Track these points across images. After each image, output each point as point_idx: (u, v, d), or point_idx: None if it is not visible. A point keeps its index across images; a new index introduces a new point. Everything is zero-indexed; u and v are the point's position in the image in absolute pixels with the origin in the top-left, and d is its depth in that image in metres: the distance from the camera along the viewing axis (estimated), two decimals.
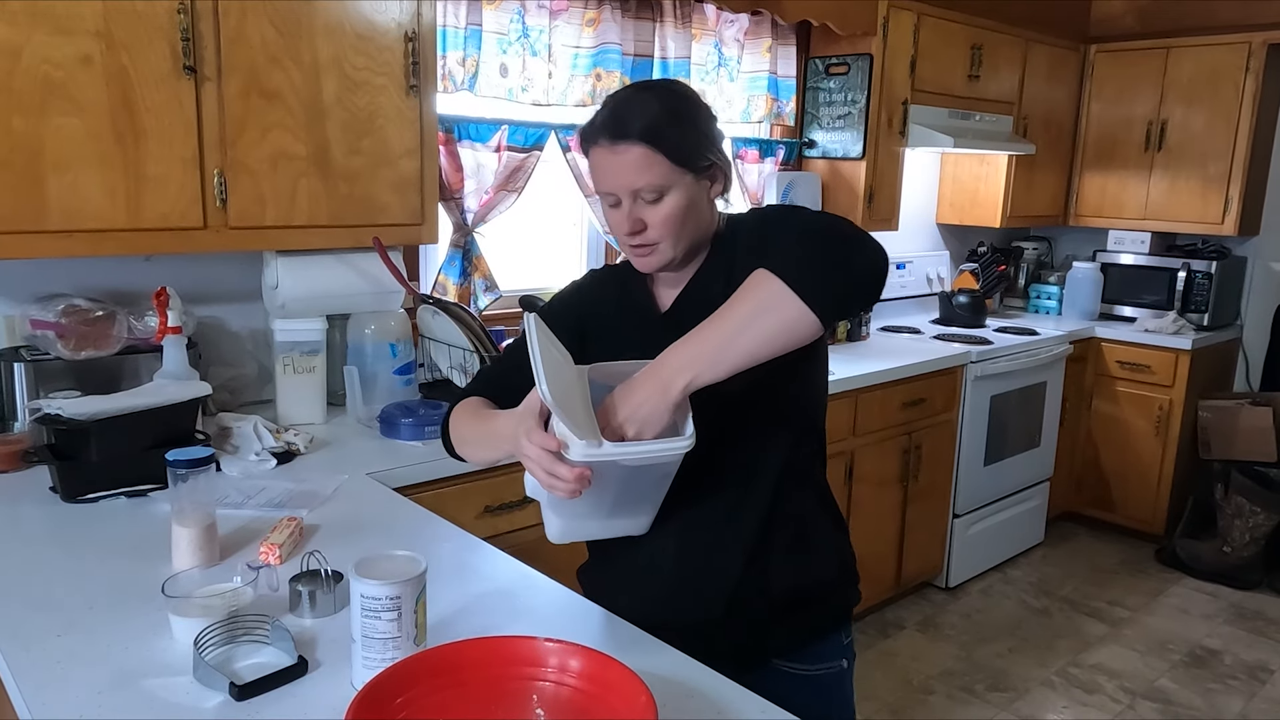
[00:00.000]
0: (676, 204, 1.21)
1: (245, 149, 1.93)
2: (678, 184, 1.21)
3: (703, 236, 1.28)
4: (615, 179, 1.21)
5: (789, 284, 1.06)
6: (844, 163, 3.48)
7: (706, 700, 1.09)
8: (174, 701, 1.05)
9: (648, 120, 1.19)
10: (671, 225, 1.22)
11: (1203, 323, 4.12)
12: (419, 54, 2.14)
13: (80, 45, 1.71)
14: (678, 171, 1.20)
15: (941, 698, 2.94)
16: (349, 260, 2.21)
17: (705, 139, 1.24)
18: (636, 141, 1.18)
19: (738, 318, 1.08)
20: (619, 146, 1.19)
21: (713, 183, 1.26)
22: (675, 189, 1.21)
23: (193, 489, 1.37)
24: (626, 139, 1.19)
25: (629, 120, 1.19)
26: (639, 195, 1.20)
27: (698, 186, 1.23)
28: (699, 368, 1.07)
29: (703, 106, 1.26)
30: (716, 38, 3.15)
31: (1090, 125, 4.36)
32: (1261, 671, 3.16)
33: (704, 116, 1.25)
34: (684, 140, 1.21)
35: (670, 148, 1.19)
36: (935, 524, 3.53)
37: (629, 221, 1.22)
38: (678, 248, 1.24)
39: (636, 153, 1.18)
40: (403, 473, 1.91)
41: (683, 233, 1.23)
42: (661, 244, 1.23)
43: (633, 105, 1.21)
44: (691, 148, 1.21)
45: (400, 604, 1.04)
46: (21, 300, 1.97)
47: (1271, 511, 3.72)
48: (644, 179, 1.19)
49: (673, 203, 1.21)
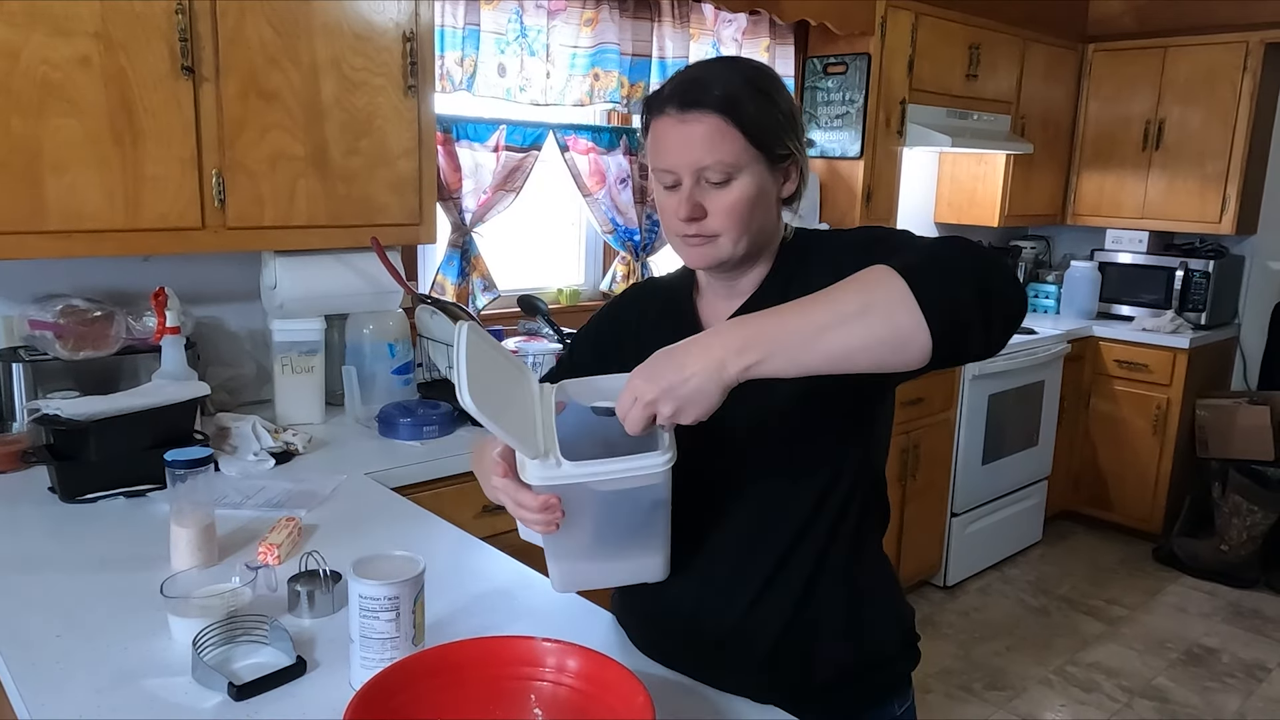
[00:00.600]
0: (745, 191, 1.05)
1: (243, 149, 1.93)
2: (749, 168, 1.05)
3: (766, 240, 1.12)
4: (680, 154, 1.04)
5: (912, 289, 0.86)
6: (842, 162, 3.48)
7: (704, 701, 1.09)
8: (173, 701, 1.05)
9: (727, 89, 1.04)
10: (737, 215, 1.05)
11: (1200, 322, 4.13)
12: (417, 54, 2.14)
13: (78, 46, 1.71)
14: (752, 152, 1.04)
15: (940, 696, 2.94)
16: (347, 260, 2.21)
17: (789, 123, 1.08)
18: (711, 111, 1.03)
19: (836, 308, 0.88)
20: (689, 115, 1.03)
21: (786, 179, 1.10)
22: (746, 173, 1.05)
23: (191, 489, 1.37)
24: (700, 108, 1.03)
25: (706, 87, 1.04)
26: (703, 176, 1.04)
27: (770, 177, 1.07)
28: (770, 350, 0.87)
29: (787, 90, 1.11)
30: (715, 37, 3.15)
31: (1088, 124, 4.36)
32: (1259, 670, 3.16)
33: (789, 99, 1.10)
34: (765, 118, 1.05)
35: (748, 122, 1.03)
36: (933, 523, 3.54)
37: (688, 205, 1.05)
38: (739, 245, 1.08)
39: (709, 124, 1.03)
40: (401, 472, 1.91)
41: (747, 227, 1.07)
42: (722, 237, 1.07)
43: (711, 72, 1.07)
44: (772, 128, 1.06)
45: (398, 604, 1.04)
46: (20, 300, 1.98)
47: (1269, 510, 3.73)
48: (714, 155, 1.03)
49: (741, 188, 1.05)
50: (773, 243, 1.14)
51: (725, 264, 1.10)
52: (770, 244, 1.14)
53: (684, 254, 1.12)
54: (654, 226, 3.07)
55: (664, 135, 1.06)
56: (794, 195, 1.12)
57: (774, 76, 1.10)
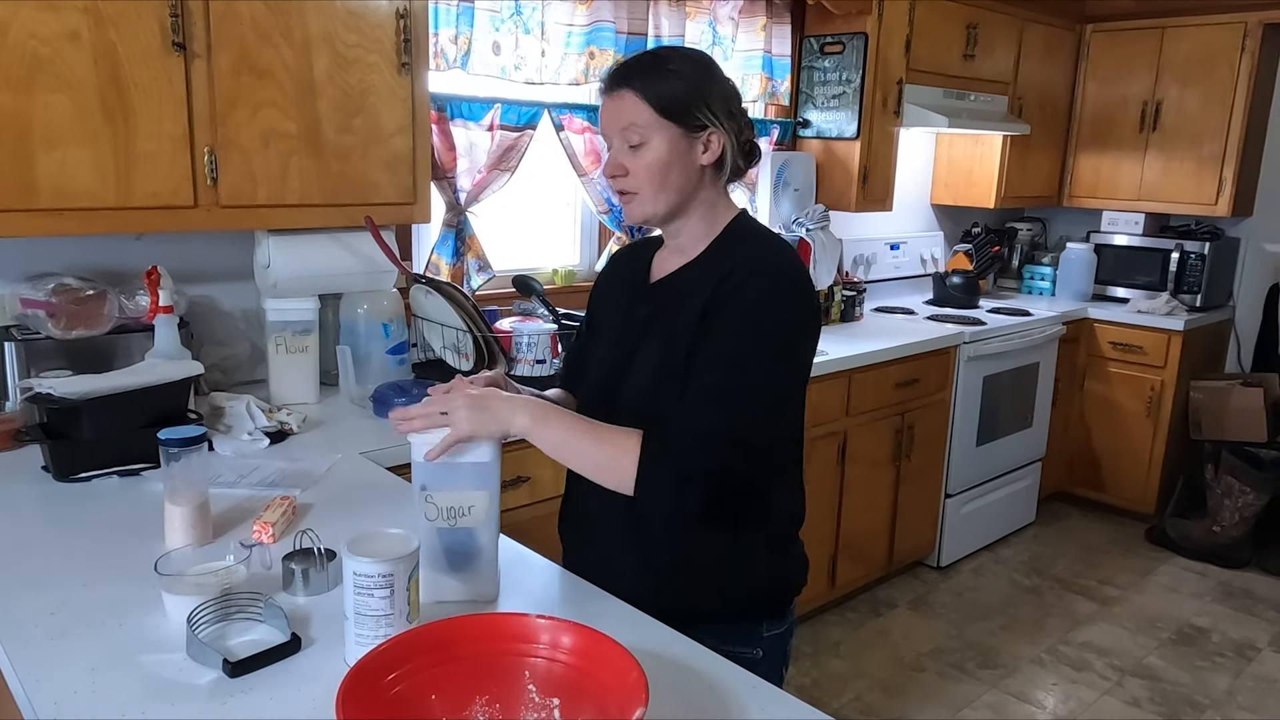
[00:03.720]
0: (657, 153, 1.25)
1: (236, 127, 1.92)
2: (660, 134, 1.25)
3: (690, 201, 1.30)
4: (608, 124, 1.28)
5: (638, 476, 1.18)
6: (838, 142, 3.47)
7: (697, 676, 1.09)
8: (167, 678, 1.05)
9: (641, 71, 1.27)
10: (650, 174, 1.26)
11: (1195, 304, 4.13)
12: (411, 31, 2.12)
13: (67, 21, 1.69)
14: (661, 122, 1.24)
15: (932, 675, 2.96)
16: (341, 239, 2.20)
17: (699, 97, 1.26)
18: (626, 88, 1.26)
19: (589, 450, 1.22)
20: (614, 92, 1.27)
21: (706, 149, 1.27)
22: (657, 139, 1.25)
23: (185, 468, 1.37)
24: (620, 85, 1.27)
25: (627, 70, 1.28)
26: (626, 139, 1.26)
27: (685, 144, 1.26)
28: (537, 435, 1.22)
29: (710, 71, 1.29)
30: (711, 16, 3.13)
31: (1085, 105, 4.35)
32: (1249, 649, 3.19)
33: (706, 78, 1.28)
34: (672, 91, 1.25)
35: (655, 95, 1.24)
36: (927, 504, 3.55)
37: (611, 164, 1.29)
38: (657, 202, 1.28)
39: (626, 96, 1.26)
40: (396, 452, 1.91)
41: (663, 186, 1.27)
42: (641, 193, 1.28)
43: (634, 59, 1.30)
44: (680, 100, 1.25)
45: (393, 581, 1.04)
46: (11, 279, 1.96)
47: (1261, 491, 3.75)
48: (626, 119, 1.25)
49: (653, 151, 1.25)
50: (706, 207, 1.32)
51: (650, 219, 1.31)
52: (703, 207, 1.32)
53: (624, 211, 1.34)
54: None
55: (601, 111, 1.30)
56: (721, 164, 1.30)
57: (696, 59, 1.29)
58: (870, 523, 3.30)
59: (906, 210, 4.17)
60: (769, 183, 3.38)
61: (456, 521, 1.20)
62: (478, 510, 1.20)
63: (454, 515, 1.20)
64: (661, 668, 1.07)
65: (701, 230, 1.33)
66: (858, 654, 3.07)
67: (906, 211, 4.18)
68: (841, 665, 3.00)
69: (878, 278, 4.03)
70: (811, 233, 3.33)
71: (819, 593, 3.17)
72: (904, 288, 4.20)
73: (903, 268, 4.18)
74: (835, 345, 3.09)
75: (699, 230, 1.33)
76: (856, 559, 3.29)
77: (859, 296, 3.62)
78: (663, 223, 1.33)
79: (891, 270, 4.12)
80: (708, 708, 1.04)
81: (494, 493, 1.22)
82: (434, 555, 1.20)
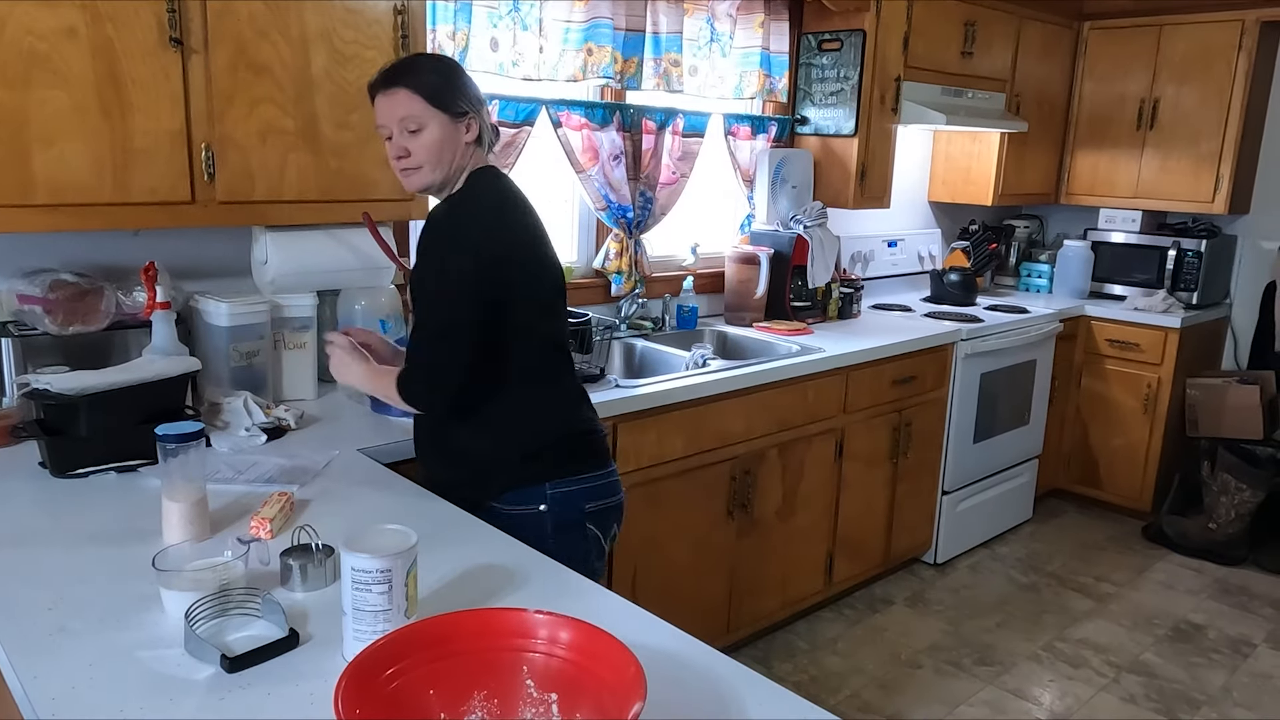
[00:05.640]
0: (432, 136, 1.58)
1: (233, 123, 1.91)
2: (433, 120, 1.57)
3: (458, 171, 1.63)
4: (387, 114, 1.58)
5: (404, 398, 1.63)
6: (836, 139, 3.47)
7: (696, 673, 1.10)
8: (165, 674, 1.05)
9: (411, 71, 1.59)
10: (429, 152, 1.58)
11: (1192, 301, 4.14)
12: (408, 27, 2.12)
13: (65, 17, 1.69)
14: (432, 110, 1.57)
15: (929, 671, 2.97)
16: (339, 236, 2.20)
17: (459, 92, 1.60)
18: (400, 86, 1.57)
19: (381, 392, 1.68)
20: (390, 90, 1.58)
21: (468, 130, 1.61)
22: (432, 124, 1.57)
23: (183, 464, 1.37)
24: (394, 84, 1.57)
25: (399, 70, 1.60)
26: (405, 127, 1.57)
27: (453, 127, 1.59)
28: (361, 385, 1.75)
29: (461, 73, 1.64)
30: (709, 13, 3.13)
31: (1083, 103, 4.35)
32: (1245, 645, 3.20)
33: (461, 78, 1.62)
34: (439, 87, 1.58)
35: (427, 91, 1.56)
36: (924, 501, 3.55)
37: (396, 148, 1.59)
38: (436, 173, 1.60)
39: (401, 92, 1.57)
40: (394, 448, 1.91)
41: (440, 161, 1.59)
42: (423, 166, 1.59)
43: (402, 63, 1.65)
44: (446, 94, 1.58)
45: (391, 577, 1.04)
46: (8, 275, 1.96)
47: (1257, 488, 3.76)
48: (405, 110, 1.56)
49: (430, 134, 1.57)
50: (466, 173, 1.64)
51: (429, 188, 1.64)
52: (464, 174, 1.64)
53: (403, 182, 1.64)
54: (647, 204, 3.06)
55: (379, 105, 1.60)
56: (482, 137, 1.64)
57: (448, 63, 1.67)
58: (867, 520, 3.30)
59: (904, 207, 4.18)
60: (767, 180, 3.38)
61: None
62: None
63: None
64: (659, 663, 1.08)
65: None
66: (855, 651, 3.08)
67: (904, 209, 4.18)
68: (838, 662, 3.01)
69: (875, 275, 4.03)
70: (809, 230, 3.33)
71: (816, 589, 3.18)
72: (901, 285, 4.20)
73: (900, 265, 4.18)
74: (832, 342, 3.09)
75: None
76: (853, 556, 3.29)
77: (856, 294, 3.62)
78: (439, 189, 1.64)
79: (889, 267, 4.12)
80: (705, 703, 1.04)
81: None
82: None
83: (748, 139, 3.39)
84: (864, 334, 3.30)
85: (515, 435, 1.66)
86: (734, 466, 2.72)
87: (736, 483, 2.74)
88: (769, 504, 2.89)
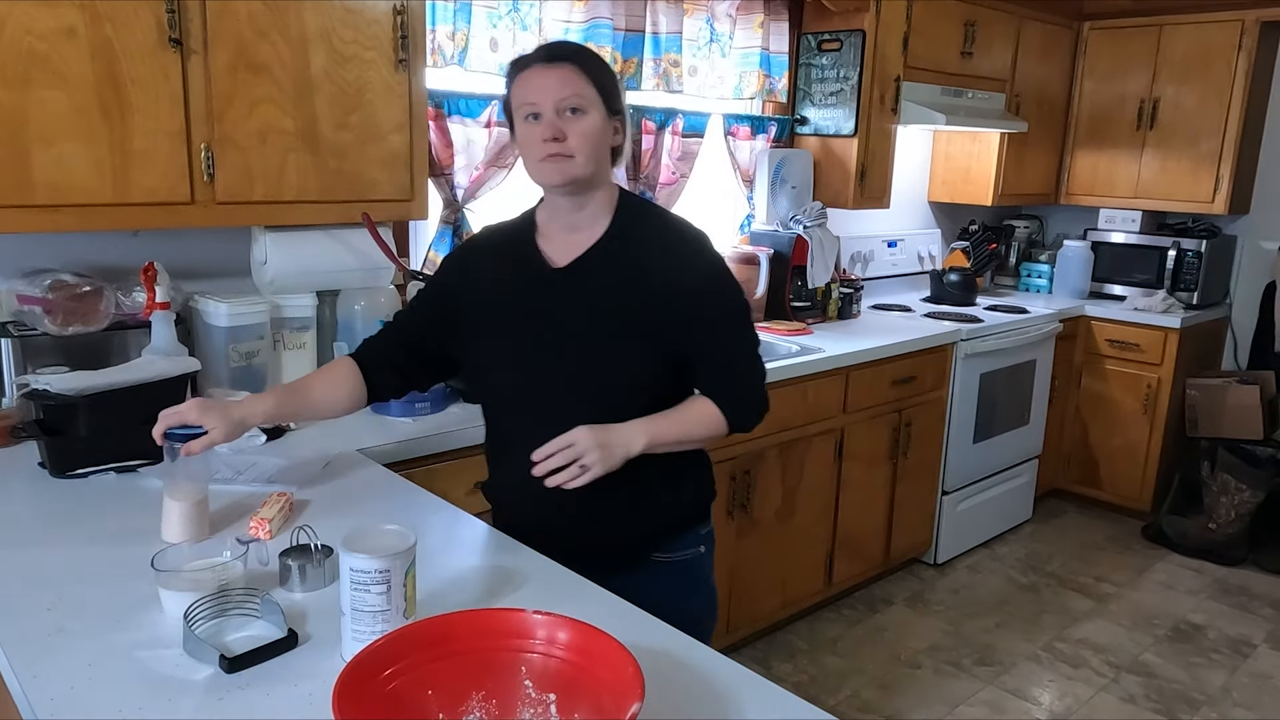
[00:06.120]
0: (593, 123, 1.39)
1: (233, 123, 1.91)
2: (595, 108, 1.39)
3: (603, 175, 1.45)
4: (544, 91, 1.38)
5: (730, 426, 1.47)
6: (836, 140, 3.47)
7: (694, 673, 1.10)
8: (164, 674, 1.05)
9: (580, 52, 1.43)
10: (587, 138, 1.38)
11: (1192, 301, 4.14)
12: (408, 27, 2.12)
13: (64, 16, 1.69)
14: (597, 98, 1.39)
15: (929, 672, 2.97)
16: (338, 236, 2.20)
17: (618, 91, 1.44)
18: (569, 63, 1.39)
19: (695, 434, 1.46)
20: (553, 64, 1.39)
21: (616, 132, 1.45)
22: (593, 111, 1.39)
23: (186, 463, 1.37)
24: (562, 60, 1.39)
25: (565, 49, 1.43)
26: (562, 108, 1.37)
27: (606, 124, 1.42)
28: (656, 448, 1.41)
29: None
30: (709, 13, 3.13)
31: (1083, 103, 4.35)
32: (1244, 646, 3.20)
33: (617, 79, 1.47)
34: (605, 77, 1.42)
35: (595, 75, 1.40)
36: (924, 501, 3.55)
37: (551, 128, 1.37)
38: (588, 165, 1.40)
39: (568, 69, 1.38)
40: (393, 449, 1.91)
41: (595, 152, 1.40)
42: (577, 156, 1.38)
43: (563, 42, 1.52)
44: (610, 85, 1.42)
45: (389, 577, 1.04)
46: (8, 275, 1.96)
47: (1257, 488, 3.76)
48: (570, 89, 1.37)
49: (591, 121, 1.39)
50: (607, 185, 1.47)
51: (577, 181, 1.40)
52: (606, 184, 1.46)
53: (544, 174, 1.41)
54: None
55: (531, 80, 1.39)
56: (620, 149, 1.47)
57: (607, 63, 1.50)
58: (867, 520, 3.30)
59: (904, 208, 4.18)
60: (766, 180, 3.38)
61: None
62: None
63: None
64: (657, 663, 1.08)
65: (606, 204, 1.46)
66: (854, 651, 3.08)
67: (904, 209, 4.18)
68: (838, 662, 3.01)
69: (875, 275, 4.03)
70: (809, 230, 3.33)
71: (816, 589, 3.18)
72: (901, 285, 4.20)
73: (900, 265, 4.18)
74: (832, 343, 3.09)
75: (603, 204, 1.46)
76: (853, 556, 3.29)
77: (856, 294, 3.62)
78: (580, 191, 1.43)
79: (889, 268, 4.12)
80: (703, 703, 1.04)
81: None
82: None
83: (747, 139, 3.39)
84: (864, 334, 3.30)
85: (705, 468, 1.60)
86: (733, 466, 2.72)
87: (736, 482, 2.74)
88: (769, 504, 2.89)
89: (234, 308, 2.04)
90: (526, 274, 1.48)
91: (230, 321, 2.03)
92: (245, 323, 2.06)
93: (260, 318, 2.09)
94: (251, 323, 2.07)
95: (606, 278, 1.43)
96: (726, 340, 1.46)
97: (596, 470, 1.34)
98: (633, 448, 1.37)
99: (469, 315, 1.51)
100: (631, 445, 1.37)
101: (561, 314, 1.44)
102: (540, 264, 1.47)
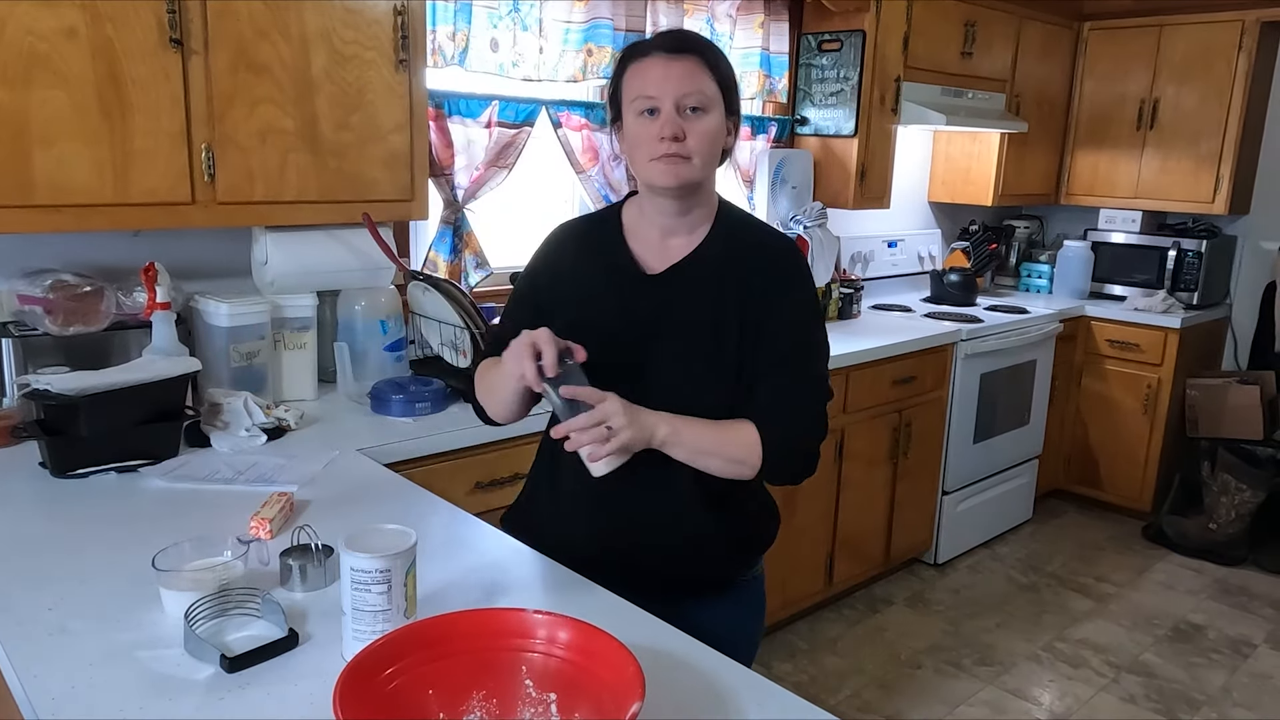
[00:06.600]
0: (714, 123, 1.29)
1: (233, 123, 1.92)
2: (717, 108, 1.29)
3: (712, 181, 1.36)
4: (665, 84, 1.26)
5: (764, 463, 1.34)
6: (836, 140, 3.47)
7: (694, 671, 1.10)
8: (165, 673, 1.05)
9: (706, 45, 1.31)
10: (707, 142, 1.28)
11: (1192, 301, 4.14)
12: (408, 27, 2.12)
13: (65, 17, 1.69)
14: (719, 96, 1.29)
15: (929, 672, 2.97)
16: (339, 236, 2.20)
17: (738, 89, 1.35)
18: (695, 55, 1.28)
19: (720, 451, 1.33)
20: (677, 56, 1.27)
21: (729, 133, 1.34)
22: (714, 111, 1.29)
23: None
24: (686, 52, 1.28)
25: (690, 40, 1.30)
26: (683, 105, 1.26)
27: (725, 123, 1.31)
28: (673, 444, 1.30)
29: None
30: (709, 13, 3.13)
31: (1083, 103, 4.35)
32: (1245, 646, 3.20)
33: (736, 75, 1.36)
34: (729, 74, 1.31)
35: (720, 71, 1.30)
36: (924, 501, 3.55)
37: (670, 126, 1.26)
38: (704, 170, 1.30)
39: (694, 62, 1.27)
40: (394, 448, 1.91)
41: (712, 155, 1.30)
42: (694, 158, 1.28)
43: (684, 31, 1.35)
44: (732, 84, 1.32)
45: (390, 577, 1.04)
46: (9, 275, 1.96)
47: (1257, 488, 3.76)
48: (694, 85, 1.26)
49: (712, 121, 1.28)
50: (712, 190, 1.38)
51: (689, 184, 1.30)
52: (711, 189, 1.37)
53: (656, 174, 1.29)
54: None
55: (650, 71, 1.27)
56: (730, 151, 1.36)
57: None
58: (867, 520, 3.30)
59: (904, 208, 4.18)
60: (766, 180, 3.38)
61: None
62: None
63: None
64: (658, 663, 1.08)
65: (707, 212, 1.38)
66: (855, 650, 3.08)
67: (904, 209, 4.18)
68: (838, 662, 3.01)
69: (875, 275, 4.03)
70: (809, 230, 3.33)
71: (816, 589, 3.18)
72: (901, 285, 4.20)
73: (900, 265, 4.18)
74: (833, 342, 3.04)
75: (704, 211, 1.37)
76: (854, 556, 3.29)
77: (856, 294, 3.62)
78: (690, 193, 1.33)
79: (889, 268, 4.12)
80: (704, 703, 1.04)
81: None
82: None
83: (748, 139, 3.39)
84: (864, 334, 3.30)
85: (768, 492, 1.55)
86: None
87: None
88: None
89: (235, 308, 2.04)
90: (616, 275, 1.38)
91: (231, 321, 2.03)
92: (246, 323, 2.06)
93: (261, 318, 2.09)
94: (252, 323, 2.07)
95: (698, 291, 1.34)
96: (797, 378, 1.39)
97: (623, 437, 1.23)
98: (657, 433, 1.28)
99: (557, 312, 1.39)
100: (656, 430, 1.28)
101: (648, 321, 1.35)
102: (632, 267, 1.38)
